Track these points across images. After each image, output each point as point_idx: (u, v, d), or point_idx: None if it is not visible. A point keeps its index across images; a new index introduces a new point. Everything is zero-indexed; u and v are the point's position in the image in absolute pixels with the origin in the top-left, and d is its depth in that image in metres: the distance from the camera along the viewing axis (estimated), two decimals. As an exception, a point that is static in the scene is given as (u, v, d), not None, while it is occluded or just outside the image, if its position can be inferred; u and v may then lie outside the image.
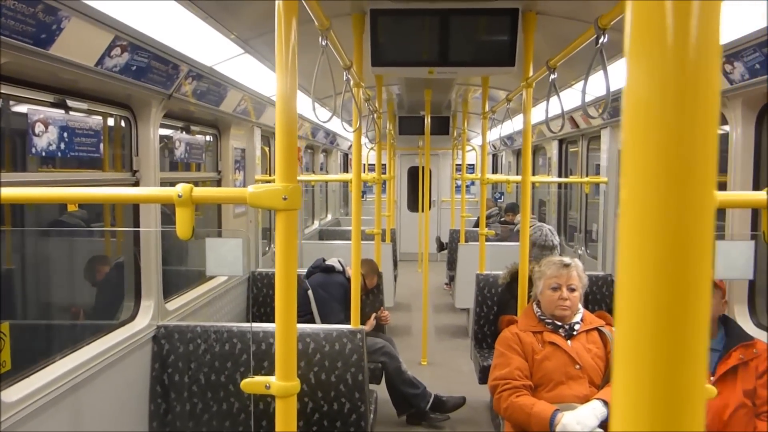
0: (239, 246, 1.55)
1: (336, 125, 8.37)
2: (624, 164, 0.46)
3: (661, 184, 0.44)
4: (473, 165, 12.91)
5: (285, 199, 1.43)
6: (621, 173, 0.47)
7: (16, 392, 2.38)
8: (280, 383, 1.54)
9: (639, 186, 0.45)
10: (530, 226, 4.52)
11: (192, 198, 1.48)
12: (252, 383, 1.58)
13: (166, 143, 4.19)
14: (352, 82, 3.22)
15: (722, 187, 3.56)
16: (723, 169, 3.59)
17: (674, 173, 0.44)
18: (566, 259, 3.27)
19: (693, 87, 0.44)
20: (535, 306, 3.24)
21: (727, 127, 3.50)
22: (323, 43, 2.38)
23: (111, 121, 3.55)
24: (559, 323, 3.10)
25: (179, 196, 1.47)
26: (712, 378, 2.85)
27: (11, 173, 3.48)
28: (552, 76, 2.94)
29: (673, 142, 0.44)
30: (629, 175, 0.45)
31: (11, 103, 2.93)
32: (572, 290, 3.14)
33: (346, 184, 11.50)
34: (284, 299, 1.52)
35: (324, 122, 2.87)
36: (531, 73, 3.53)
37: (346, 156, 12.67)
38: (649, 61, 0.45)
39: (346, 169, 12.58)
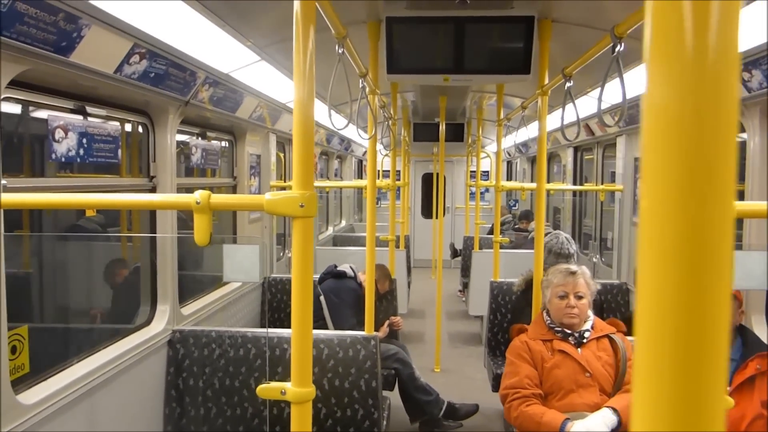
0: (256, 252, 1.56)
1: (351, 132, 8.41)
2: (644, 173, 0.46)
3: (681, 193, 0.44)
4: (487, 172, 12.89)
5: (302, 206, 1.44)
6: (641, 182, 0.47)
7: (33, 395, 2.41)
8: (296, 389, 1.55)
9: (659, 195, 0.45)
10: (546, 234, 4.51)
11: (210, 205, 1.50)
12: (267, 389, 1.58)
13: (182, 149, 4.22)
14: (367, 89, 3.23)
15: (740, 196, 3.53)
16: (741, 178, 3.56)
17: (694, 182, 0.44)
18: (573, 267, 3.26)
19: (713, 95, 0.44)
20: (545, 314, 3.23)
21: (744, 135, 3.48)
22: (340, 51, 2.40)
23: (128, 127, 3.59)
24: (569, 331, 3.09)
25: (197, 203, 1.49)
26: (728, 388, 2.82)
27: (29, 179, 3.53)
28: (567, 84, 2.93)
29: (693, 151, 0.44)
30: (649, 184, 0.46)
31: (30, 108, 2.97)
32: (579, 298, 3.13)
33: (360, 190, 11.52)
34: (300, 305, 1.52)
35: (340, 129, 2.88)
36: (546, 81, 3.53)
37: (360, 162, 12.69)
38: (669, 70, 0.45)
39: (360, 176, 12.59)
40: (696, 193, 0.44)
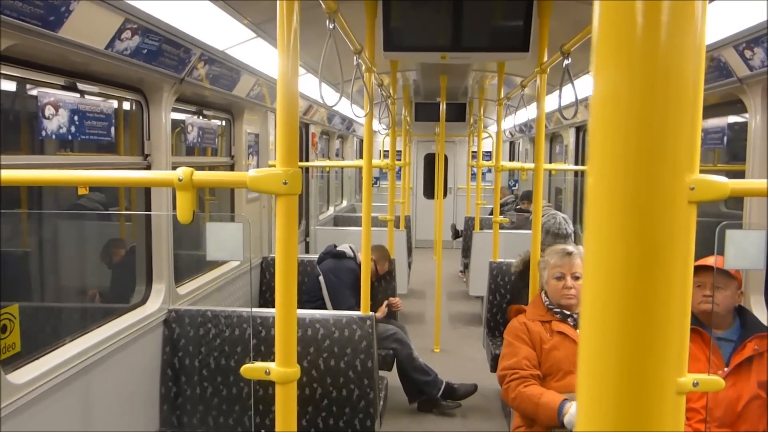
0: (239, 231, 1.54)
1: (349, 110, 8.37)
2: (591, 152, 0.44)
3: (629, 173, 0.42)
4: (490, 152, 12.82)
5: (285, 183, 1.42)
6: (587, 161, 0.44)
7: (24, 374, 2.40)
8: (280, 369, 1.53)
9: (606, 176, 0.42)
10: (543, 214, 4.47)
11: (192, 182, 1.47)
12: (252, 369, 1.57)
13: (183, 128, 4.19)
14: (364, 67, 3.19)
15: (740, 176, 3.49)
16: (742, 157, 3.52)
17: (642, 162, 0.42)
18: (569, 247, 3.24)
19: (663, 78, 0.42)
20: (543, 295, 3.21)
21: (746, 115, 3.43)
22: (330, 27, 2.36)
23: (126, 105, 3.55)
24: (568, 312, 3.08)
25: (180, 180, 1.46)
26: (726, 369, 2.81)
27: (17, 156, 3.49)
28: (566, 62, 2.88)
29: (642, 133, 0.42)
30: (595, 163, 0.43)
31: (28, 87, 2.93)
32: (577, 278, 3.12)
33: (362, 170, 11.47)
34: (285, 284, 1.50)
35: (332, 106, 2.85)
36: (545, 59, 3.48)
37: (362, 142, 12.63)
38: (617, 48, 0.43)
39: (362, 156, 12.52)
40: (644, 174, 0.41)
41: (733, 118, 3.88)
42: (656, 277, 0.40)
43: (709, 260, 2.80)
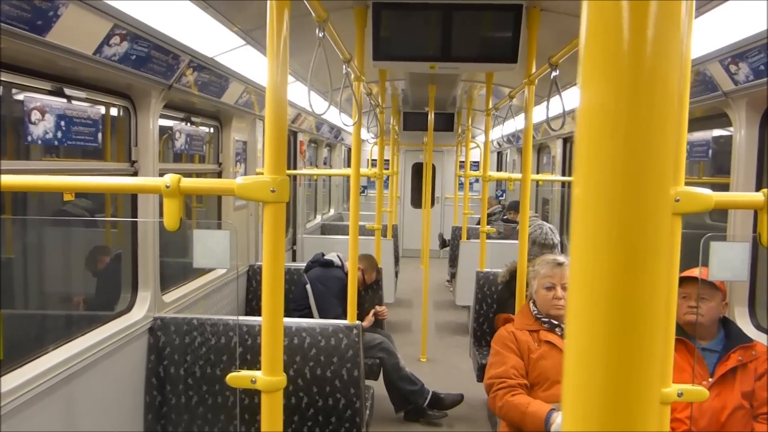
0: (227, 238, 1.53)
1: (338, 119, 8.37)
2: (577, 163, 0.44)
3: (616, 184, 0.42)
4: (478, 162, 12.88)
5: (273, 191, 1.42)
6: (574, 172, 0.45)
7: (7, 382, 2.37)
8: (266, 378, 1.52)
9: (591, 187, 0.43)
10: (530, 225, 4.49)
11: (180, 189, 1.46)
12: (238, 377, 1.56)
13: (170, 134, 4.17)
14: (353, 76, 3.19)
15: (725, 188, 3.53)
16: (726, 170, 3.56)
17: (627, 173, 0.42)
18: (560, 258, 3.25)
19: (648, 88, 0.42)
20: (531, 305, 3.21)
21: (731, 129, 3.47)
22: (320, 35, 2.36)
23: (114, 111, 3.53)
24: (556, 322, 3.08)
25: (167, 187, 1.46)
26: (710, 379, 2.83)
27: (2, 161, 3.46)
28: (554, 74, 2.91)
29: (628, 144, 0.42)
30: (582, 174, 0.43)
31: (14, 91, 2.91)
32: (566, 289, 3.12)
33: (349, 178, 11.48)
34: (271, 292, 1.50)
35: (320, 115, 2.85)
36: (533, 70, 3.50)
37: (350, 151, 12.64)
38: (604, 61, 0.43)
39: (350, 164, 12.55)
40: (630, 185, 0.42)
41: (718, 132, 3.92)
42: (641, 288, 0.40)
43: (695, 271, 2.83)
